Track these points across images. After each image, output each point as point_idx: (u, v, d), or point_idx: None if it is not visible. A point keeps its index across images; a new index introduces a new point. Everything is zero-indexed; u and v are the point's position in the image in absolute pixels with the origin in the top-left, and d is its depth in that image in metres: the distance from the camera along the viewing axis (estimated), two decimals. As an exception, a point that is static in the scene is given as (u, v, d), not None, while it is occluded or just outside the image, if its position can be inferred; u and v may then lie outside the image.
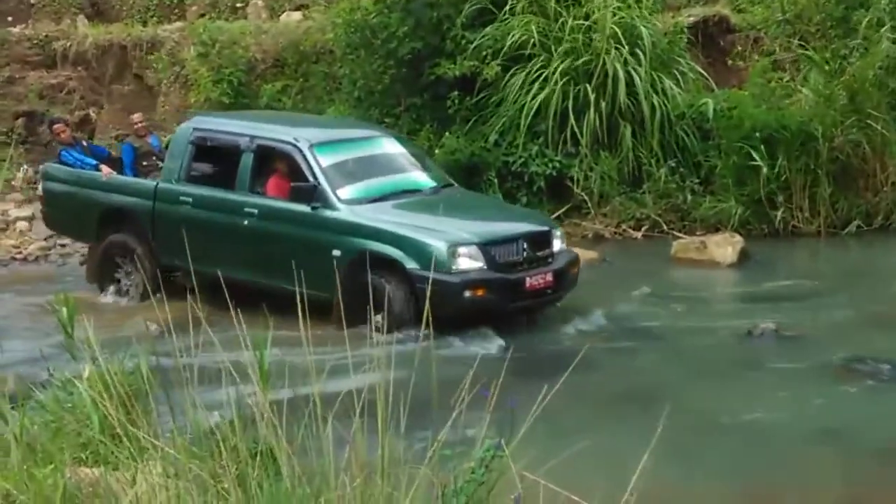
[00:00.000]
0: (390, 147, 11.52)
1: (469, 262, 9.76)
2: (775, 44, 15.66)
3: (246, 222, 10.55)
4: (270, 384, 3.65)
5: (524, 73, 14.54)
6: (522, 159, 14.32)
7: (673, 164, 14.42)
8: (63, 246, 14.65)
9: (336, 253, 9.80)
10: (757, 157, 13.87)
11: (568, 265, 10.43)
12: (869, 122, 14.21)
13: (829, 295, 11.27)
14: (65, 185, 12.13)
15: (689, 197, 14.35)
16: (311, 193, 10.25)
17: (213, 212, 10.82)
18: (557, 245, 10.45)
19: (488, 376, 3.70)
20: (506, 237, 10.12)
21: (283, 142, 10.78)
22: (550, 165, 14.21)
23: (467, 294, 9.65)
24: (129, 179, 11.95)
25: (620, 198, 14.25)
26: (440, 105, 14.88)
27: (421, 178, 11.28)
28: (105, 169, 11.98)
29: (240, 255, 10.42)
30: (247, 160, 10.78)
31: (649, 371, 9.04)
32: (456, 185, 11.60)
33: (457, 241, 9.80)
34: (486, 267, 9.79)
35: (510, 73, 14.62)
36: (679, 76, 14.79)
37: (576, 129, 14.23)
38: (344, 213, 10.19)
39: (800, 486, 6.60)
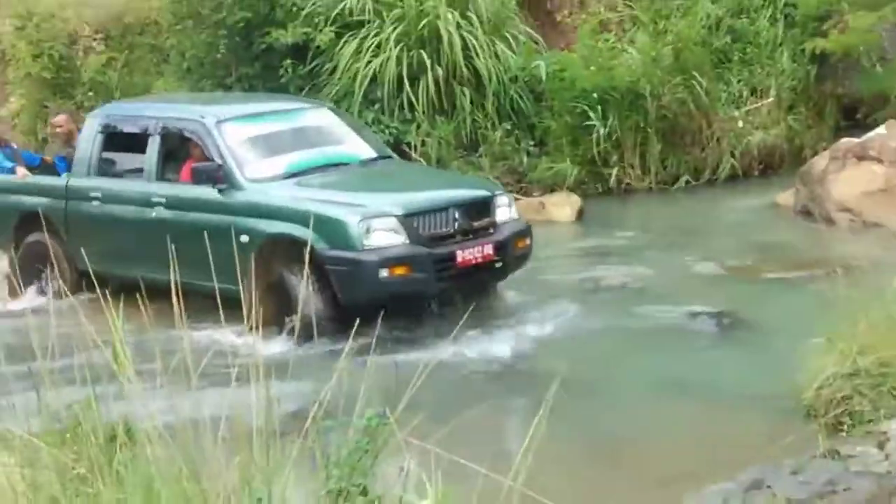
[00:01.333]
0: (319, 119, 10.48)
1: (386, 236, 8.58)
2: (601, 4, 15.95)
3: (154, 214, 9.53)
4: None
5: (357, 40, 14.44)
6: (359, 127, 14.25)
7: (508, 127, 14.57)
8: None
9: (244, 239, 8.48)
10: (593, 117, 14.14)
11: (514, 236, 9.15)
12: (693, 80, 14.64)
13: (665, 248, 11.62)
14: None
15: (525, 159, 14.54)
16: (215, 174, 9.18)
17: (123, 205, 9.87)
18: (503, 214, 9.23)
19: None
20: (432, 206, 8.85)
21: (188, 120, 9.78)
22: (387, 132, 14.17)
23: (384, 274, 8.46)
24: (43, 179, 10.86)
25: (458, 162, 14.32)
26: (273, 74, 14.67)
27: (351, 150, 10.14)
28: (20, 170, 10.99)
29: (153, 252, 8.62)
30: (154, 145, 9.80)
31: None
32: (395, 157, 10.79)
33: (371, 214, 8.62)
34: (408, 242, 8.59)
35: (343, 39, 14.50)
36: (511, 39, 14.92)
37: (411, 96, 14.22)
38: (250, 192, 9.11)
39: (650, 439, 6.76)
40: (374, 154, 10.20)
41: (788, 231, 12.19)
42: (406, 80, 14.20)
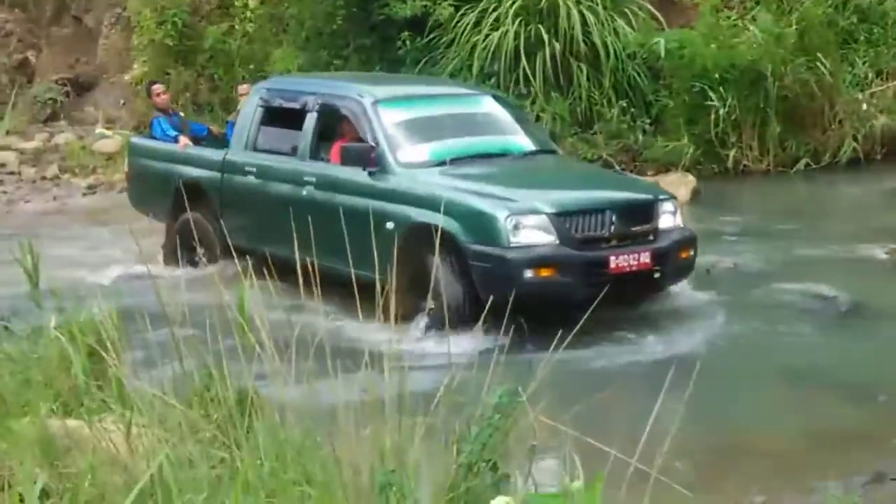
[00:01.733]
0: (483, 107, 9.95)
1: (535, 235, 8.03)
2: (724, -18, 15.67)
3: (304, 193, 9.08)
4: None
5: (476, 13, 14.42)
6: (474, 101, 14.22)
7: (624, 105, 14.43)
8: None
9: (389, 226, 8.09)
10: (713, 97, 13.93)
11: (676, 245, 8.44)
12: (817, 61, 14.31)
13: (780, 232, 11.41)
14: (143, 159, 11.01)
15: (641, 137, 14.39)
16: (366, 156, 8.75)
17: (276, 182, 9.51)
18: (667, 221, 8.52)
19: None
20: (588, 206, 8.27)
21: (346, 98, 9.38)
22: (502, 107, 14.11)
23: (528, 274, 7.88)
24: (203, 151, 10.58)
25: (572, 139, 14.23)
26: (390, 46, 14.73)
27: (513, 141, 9.57)
28: (182, 140, 10.80)
29: (301, 232, 7.62)
30: (311, 122, 9.40)
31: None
32: (559, 152, 10.24)
33: (521, 210, 8.09)
34: (558, 242, 8.01)
35: (461, 13, 14.49)
36: (630, 15, 14.75)
37: (527, 70, 14.16)
38: (401, 177, 8.65)
39: (769, 427, 6.67)
40: (534, 147, 9.60)
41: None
42: (523, 55, 14.14)
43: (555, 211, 8.11)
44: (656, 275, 8.25)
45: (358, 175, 8.79)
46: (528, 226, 8.04)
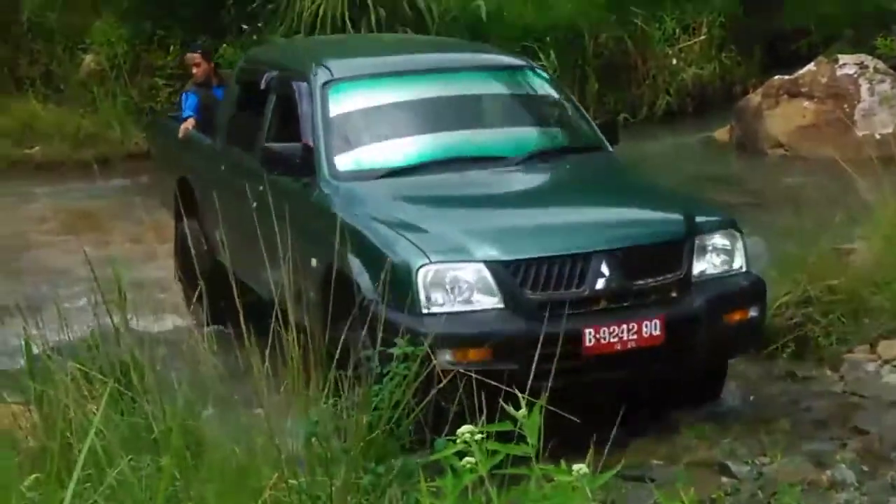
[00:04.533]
0: (496, 85, 7.34)
1: (465, 294, 5.44)
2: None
3: (255, 203, 6.14)
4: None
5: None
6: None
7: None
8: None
9: (312, 264, 5.93)
10: (542, 57, 14.46)
11: (715, 304, 5.71)
12: (630, 18, 15.01)
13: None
14: (155, 145, 9.74)
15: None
16: (292, 161, 6.47)
17: (238, 182, 6.89)
18: (709, 264, 5.84)
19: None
20: (560, 249, 5.58)
21: (299, 74, 7.04)
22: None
23: (446, 358, 5.10)
24: (200, 138, 8.51)
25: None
26: (216, 15, 14.67)
27: (527, 135, 7.09)
28: (189, 120, 8.81)
29: (253, 258, 5.86)
30: (269, 107, 7.19)
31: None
32: (606, 150, 7.00)
33: (444, 255, 5.49)
34: (502, 307, 5.45)
35: (287, -21, 14.51)
36: (451, -21, 15.12)
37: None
38: (331, 194, 6.33)
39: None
40: (561, 143, 7.06)
41: (728, 165, 12.70)
42: (348, 21, 14.31)
43: (500, 257, 5.48)
44: (672, 354, 5.58)
45: (293, 185, 6.57)
46: (456, 280, 5.44)
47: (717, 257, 5.86)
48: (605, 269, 5.50)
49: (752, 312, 5.86)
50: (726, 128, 13.60)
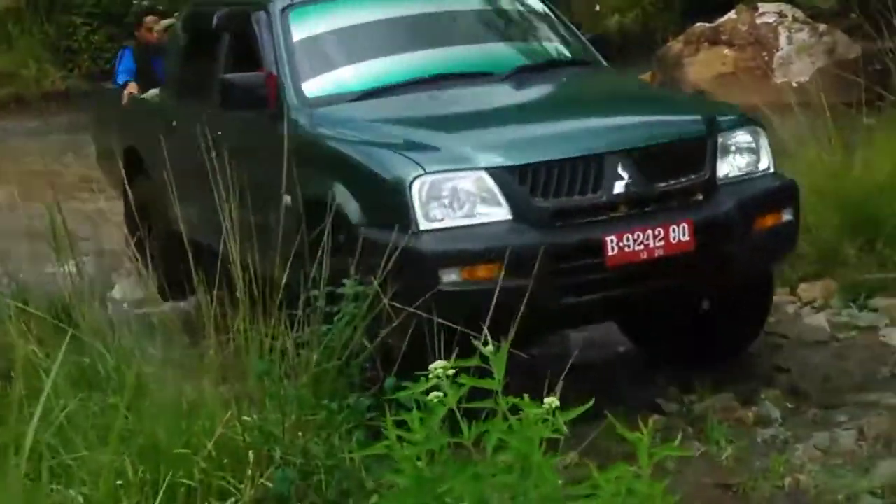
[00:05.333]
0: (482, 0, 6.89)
1: (467, 206, 4.91)
2: None
3: (214, 150, 5.54)
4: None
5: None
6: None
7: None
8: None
9: (286, 201, 5.23)
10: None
11: (748, 205, 5.28)
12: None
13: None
14: (94, 117, 9.25)
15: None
16: (254, 92, 5.95)
17: (194, 135, 5.98)
18: (734, 164, 5.40)
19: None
20: (570, 151, 5.07)
21: (254, 5, 6.53)
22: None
23: (451, 278, 4.75)
24: (144, 101, 8.11)
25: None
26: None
27: (511, 50, 6.58)
28: (131, 86, 8.43)
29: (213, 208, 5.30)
30: (223, 48, 6.74)
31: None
32: (598, 63, 6.66)
33: (441, 165, 4.98)
34: (510, 218, 4.91)
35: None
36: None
37: None
38: (301, 121, 5.81)
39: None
40: (550, 56, 6.57)
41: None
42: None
43: (504, 162, 4.96)
44: (704, 263, 5.10)
45: (256, 121, 6.15)
46: (455, 191, 4.90)
47: (741, 157, 5.40)
48: (622, 171, 4.99)
49: (786, 216, 5.44)
50: (647, 74, 13.74)
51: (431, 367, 2.49)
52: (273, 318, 3.89)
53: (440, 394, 2.42)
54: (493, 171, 4.90)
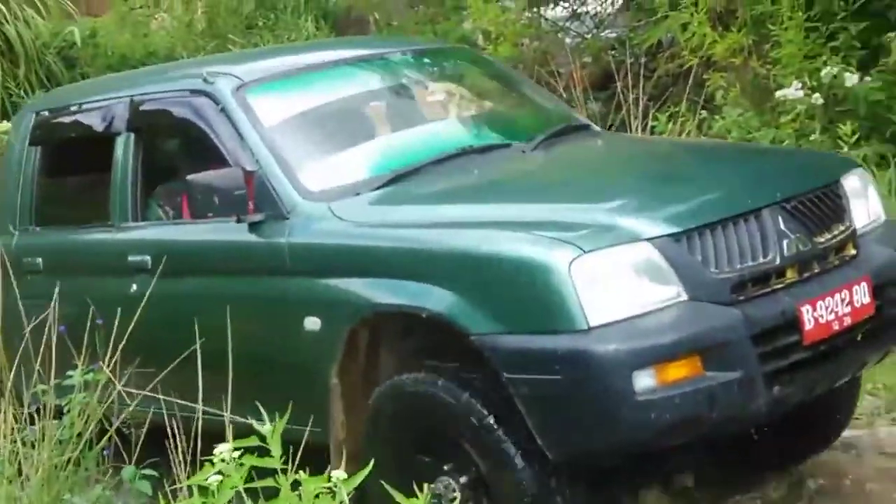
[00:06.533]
0: (427, 70, 5.88)
1: (638, 289, 3.96)
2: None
3: (133, 287, 4.99)
4: None
5: None
6: None
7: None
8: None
9: (312, 324, 4.42)
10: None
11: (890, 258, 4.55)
12: (227, 44, 15.11)
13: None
14: None
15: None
16: (230, 193, 4.77)
17: (81, 277, 5.25)
18: (860, 211, 4.67)
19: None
20: (730, 209, 4.21)
21: (183, 92, 5.29)
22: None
23: (645, 383, 3.80)
24: None
25: None
26: None
27: (515, 120, 5.72)
28: None
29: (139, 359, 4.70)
30: (124, 151, 5.38)
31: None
32: (595, 127, 5.87)
33: (595, 242, 3.98)
34: (688, 297, 3.99)
35: None
36: (40, 5, 14.64)
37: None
38: (318, 222, 4.62)
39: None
40: (555, 124, 5.56)
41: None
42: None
43: (667, 230, 4.05)
44: (878, 328, 4.36)
45: (229, 233, 4.81)
46: (620, 272, 3.95)
47: (861, 203, 4.65)
48: (783, 226, 4.18)
49: None
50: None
51: (216, 450, 2.43)
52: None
53: (220, 477, 2.36)
54: (659, 242, 3.96)
